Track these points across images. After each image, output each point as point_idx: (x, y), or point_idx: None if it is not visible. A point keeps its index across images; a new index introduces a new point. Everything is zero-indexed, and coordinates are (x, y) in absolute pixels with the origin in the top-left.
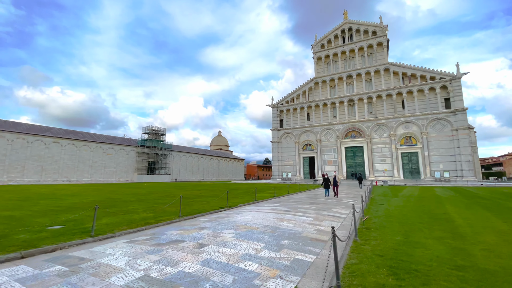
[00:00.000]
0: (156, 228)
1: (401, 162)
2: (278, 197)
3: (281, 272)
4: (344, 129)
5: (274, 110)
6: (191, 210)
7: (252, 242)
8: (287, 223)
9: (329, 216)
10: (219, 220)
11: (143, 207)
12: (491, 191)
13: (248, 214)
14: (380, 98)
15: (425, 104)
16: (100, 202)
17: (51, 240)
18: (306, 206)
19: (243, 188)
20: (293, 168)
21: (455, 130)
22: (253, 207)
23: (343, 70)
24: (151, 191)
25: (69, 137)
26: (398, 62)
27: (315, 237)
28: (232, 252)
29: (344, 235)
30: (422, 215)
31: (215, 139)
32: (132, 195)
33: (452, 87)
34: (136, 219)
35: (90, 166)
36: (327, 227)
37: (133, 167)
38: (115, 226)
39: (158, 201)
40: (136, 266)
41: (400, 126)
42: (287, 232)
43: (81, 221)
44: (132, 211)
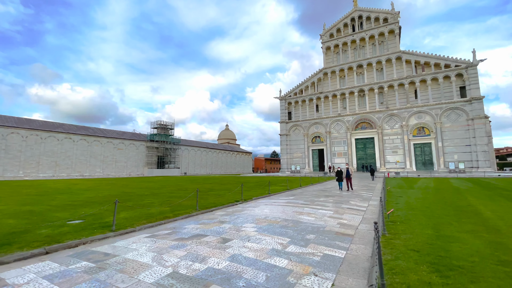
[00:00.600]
0: (175, 222)
1: (413, 153)
2: (291, 190)
3: (313, 269)
4: (354, 120)
5: (282, 103)
6: (207, 204)
7: (277, 237)
8: (307, 216)
9: (349, 209)
10: (236, 213)
11: (159, 201)
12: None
13: (265, 208)
14: (391, 88)
15: (439, 93)
16: (116, 196)
17: (73, 235)
18: (323, 199)
19: (253, 181)
20: (302, 160)
21: (471, 119)
22: (268, 200)
23: (353, 59)
24: (163, 185)
25: (81, 132)
26: (410, 50)
27: (339, 231)
28: (258, 247)
29: (369, 228)
30: (446, 208)
31: (223, 132)
32: (146, 189)
33: (468, 75)
34: (154, 213)
35: (101, 161)
36: (350, 220)
37: (143, 162)
38: (134, 220)
39: (172, 195)
40: (163, 262)
41: (412, 116)
42: (310, 226)
43: (100, 216)
44: (149, 205)
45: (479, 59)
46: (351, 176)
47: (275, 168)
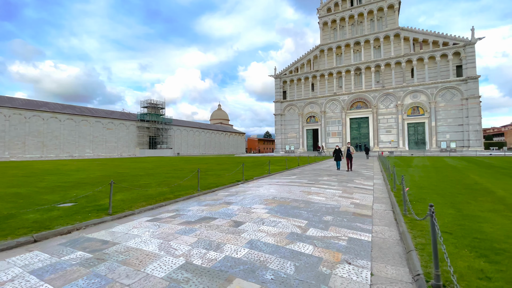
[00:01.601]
0: (176, 204)
1: (407, 132)
2: (290, 169)
3: (344, 255)
4: (350, 99)
5: (277, 81)
6: (208, 184)
7: (292, 219)
8: (317, 196)
9: (356, 188)
10: (241, 194)
11: (156, 182)
12: (504, 160)
13: (270, 188)
14: (388, 66)
15: (435, 72)
16: (109, 177)
17: (64, 219)
18: (326, 178)
19: (249, 161)
20: (297, 140)
21: (465, 99)
22: (270, 179)
23: (350, 36)
24: (157, 165)
25: (67, 111)
26: (409, 27)
27: (356, 211)
28: (275, 231)
29: (386, 208)
30: (455, 186)
31: (215, 113)
32: (140, 169)
33: (466, 53)
34: (153, 194)
35: (91, 141)
36: (362, 200)
37: (134, 142)
38: (132, 202)
39: (169, 175)
40: (172, 251)
41: (408, 95)
42: (323, 206)
43: (94, 198)
44: (146, 186)
45: (477, 37)
46: (352, 156)
47: (268, 149)
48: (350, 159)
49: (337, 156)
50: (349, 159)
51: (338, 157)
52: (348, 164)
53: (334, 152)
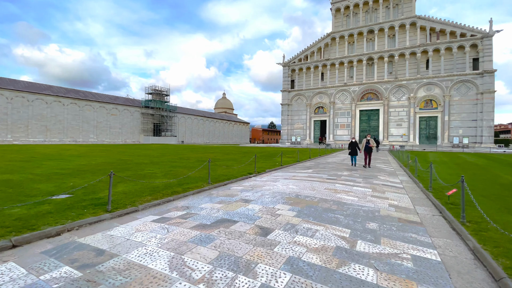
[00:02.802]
0: (186, 199)
1: (418, 126)
2: (302, 162)
3: (420, 286)
4: (361, 90)
5: (285, 69)
6: (218, 176)
7: (330, 226)
8: (346, 195)
9: (384, 186)
10: (257, 189)
11: (161, 171)
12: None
13: (289, 183)
14: (402, 56)
15: (451, 64)
16: (111, 164)
17: (55, 217)
18: (347, 174)
19: (257, 152)
20: (303, 132)
21: (480, 93)
22: (284, 173)
23: (364, 24)
24: (162, 153)
25: (71, 96)
26: (426, 15)
27: (400, 216)
28: (316, 245)
29: (431, 213)
30: (493, 186)
31: (220, 101)
32: (144, 156)
33: (483, 46)
34: (159, 186)
35: (95, 127)
36: (399, 201)
37: (138, 128)
38: (135, 195)
39: (175, 164)
40: (187, 272)
41: (421, 88)
42: (359, 209)
43: (93, 189)
44: (151, 176)
45: (495, 30)
46: (372, 149)
47: (272, 139)
48: (369, 154)
49: (353, 150)
50: (367, 154)
51: (354, 151)
52: (366, 159)
53: (349, 145)
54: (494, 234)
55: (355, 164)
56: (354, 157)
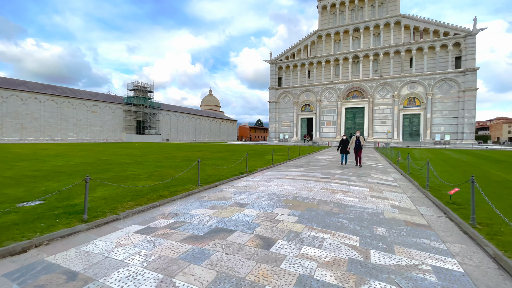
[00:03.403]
0: (173, 204)
1: (401, 124)
2: (292, 160)
3: None
4: (346, 88)
5: (272, 67)
6: (207, 177)
7: (337, 233)
8: (345, 196)
9: (380, 184)
10: (251, 190)
11: (146, 172)
12: (506, 154)
13: (283, 183)
14: (387, 55)
15: (434, 63)
16: (91, 165)
17: (21, 229)
18: (340, 172)
19: (245, 150)
20: (291, 129)
21: (462, 91)
22: (276, 172)
23: (350, 22)
24: (146, 152)
25: (48, 92)
26: (410, 15)
27: (406, 219)
28: (327, 257)
29: (436, 214)
30: (489, 184)
31: (206, 98)
32: (126, 156)
33: (466, 44)
34: (143, 190)
35: (74, 125)
36: (400, 201)
37: (121, 126)
38: (117, 201)
39: (160, 164)
40: None
41: (405, 86)
42: (362, 211)
43: (68, 194)
44: (134, 178)
45: (479, 28)
46: (363, 147)
47: (259, 137)
48: (359, 152)
49: (344, 148)
50: (358, 152)
51: (345, 149)
52: (356, 158)
53: (340, 143)
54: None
55: (346, 162)
56: (344, 155)
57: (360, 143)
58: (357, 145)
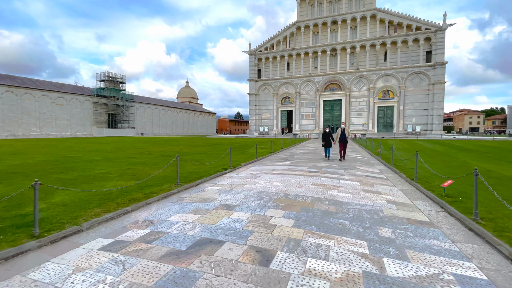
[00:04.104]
0: (149, 209)
1: (376, 115)
2: (275, 153)
3: None
4: (325, 81)
5: (252, 58)
6: (187, 174)
7: (341, 238)
8: (338, 191)
9: (368, 177)
10: (236, 188)
11: (117, 171)
12: (473, 144)
13: (271, 178)
14: (363, 48)
15: (407, 56)
16: (53, 163)
17: None
18: (326, 165)
19: (226, 143)
20: (271, 122)
21: (432, 84)
22: (261, 166)
23: (328, 14)
24: (118, 147)
25: (5, 83)
26: (386, 9)
27: (407, 216)
28: (337, 273)
29: (436, 209)
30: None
31: (183, 90)
32: (96, 152)
33: (436, 39)
34: (113, 192)
35: (37, 118)
36: (393, 195)
37: (90, 120)
38: (80, 207)
39: (133, 161)
40: None
41: (380, 79)
42: (360, 208)
43: (20, 200)
44: (102, 177)
45: (448, 23)
46: (348, 139)
47: (239, 130)
48: (344, 145)
49: (328, 142)
50: (343, 145)
51: (329, 142)
52: (341, 151)
53: (323, 136)
54: None
55: (329, 156)
56: (328, 149)
57: (346, 136)
58: (343, 137)
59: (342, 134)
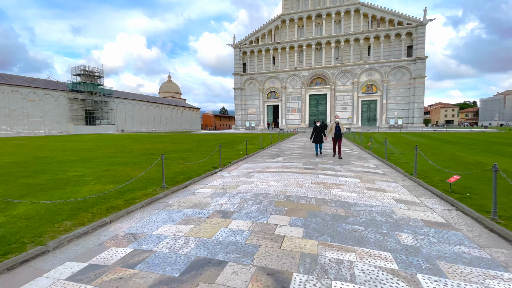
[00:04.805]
0: (131, 218)
1: (360, 109)
2: (265, 148)
3: None
4: (310, 75)
5: (236, 51)
6: (174, 175)
7: (362, 250)
8: (340, 190)
9: (366, 173)
10: (230, 190)
11: (93, 172)
12: (455, 136)
13: (266, 177)
14: (347, 42)
15: (389, 51)
16: (21, 165)
17: None
18: (320, 160)
19: (213, 139)
20: (257, 117)
21: (413, 78)
22: (253, 164)
23: (312, 8)
24: (97, 146)
25: None
26: (369, 3)
27: (421, 217)
28: None
29: (447, 207)
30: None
31: (165, 85)
32: (71, 151)
33: (417, 34)
34: (88, 200)
35: (7, 116)
36: (399, 193)
37: (66, 117)
38: (46, 220)
39: (113, 161)
40: None
41: (364, 73)
42: (370, 210)
43: None
44: (76, 181)
45: (428, 19)
46: (343, 134)
47: (225, 125)
48: (338, 141)
49: (318, 137)
50: (338, 141)
51: (320, 137)
52: (334, 147)
53: (314, 131)
54: None
55: (321, 152)
56: (319, 144)
57: (341, 131)
58: (337, 133)
59: (337, 128)
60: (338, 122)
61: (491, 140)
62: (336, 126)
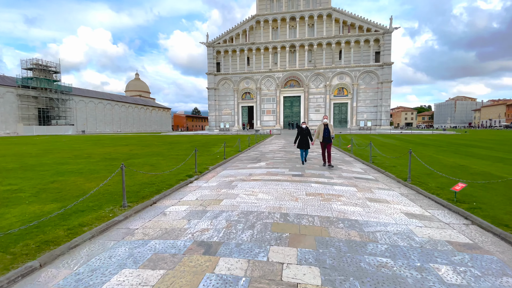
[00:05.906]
0: (74, 257)
1: (332, 112)
2: (244, 151)
3: None
4: (284, 77)
5: (210, 50)
6: (139, 187)
7: None
8: (341, 203)
9: (357, 179)
10: (211, 207)
11: (34, 185)
12: (419, 138)
13: (253, 188)
14: (320, 46)
15: (359, 56)
16: None
17: None
18: (306, 165)
19: (185, 141)
20: (232, 118)
21: (381, 83)
22: (234, 170)
23: (286, 10)
24: (48, 149)
25: None
26: (340, 9)
27: (445, 238)
28: None
29: (459, 222)
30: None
31: (132, 83)
32: (13, 156)
33: (384, 40)
34: (11, 235)
35: None
36: (400, 203)
37: (15, 116)
38: None
39: (63, 169)
40: None
41: (335, 76)
42: (390, 233)
43: None
44: (6, 199)
45: (394, 27)
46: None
47: (197, 126)
48: (328, 146)
49: (303, 142)
50: (327, 146)
51: (305, 142)
52: (324, 154)
53: (298, 135)
54: None
55: (306, 159)
56: (305, 151)
57: (330, 134)
58: (326, 136)
59: (326, 131)
60: (326, 124)
61: (455, 142)
62: (324, 128)
